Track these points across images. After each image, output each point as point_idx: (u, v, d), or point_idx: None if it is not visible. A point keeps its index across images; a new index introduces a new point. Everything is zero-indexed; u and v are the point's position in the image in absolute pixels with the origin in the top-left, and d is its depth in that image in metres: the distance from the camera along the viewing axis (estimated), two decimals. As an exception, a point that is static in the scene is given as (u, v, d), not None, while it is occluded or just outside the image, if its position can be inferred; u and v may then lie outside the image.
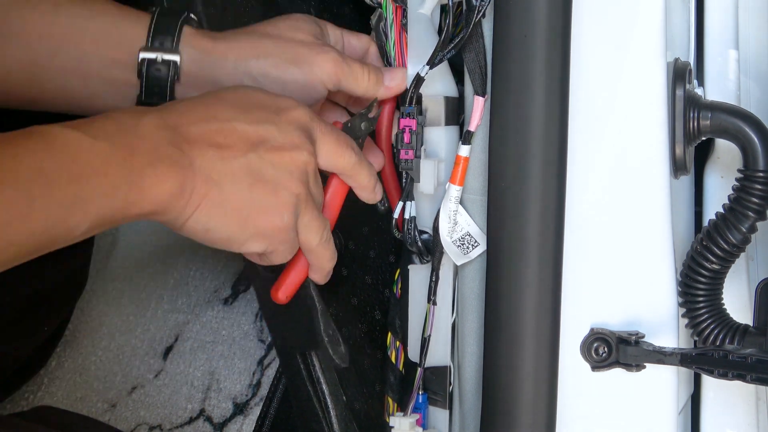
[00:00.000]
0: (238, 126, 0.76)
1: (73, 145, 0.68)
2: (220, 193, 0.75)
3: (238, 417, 1.33)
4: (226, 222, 0.77)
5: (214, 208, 0.76)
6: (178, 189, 0.73)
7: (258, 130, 0.77)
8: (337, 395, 0.93)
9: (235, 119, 0.77)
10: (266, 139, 0.77)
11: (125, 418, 1.33)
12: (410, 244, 0.91)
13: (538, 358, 0.81)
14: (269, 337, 1.35)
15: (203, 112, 0.76)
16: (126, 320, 1.39)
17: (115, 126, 0.71)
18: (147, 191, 0.72)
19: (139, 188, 0.71)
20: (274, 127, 0.78)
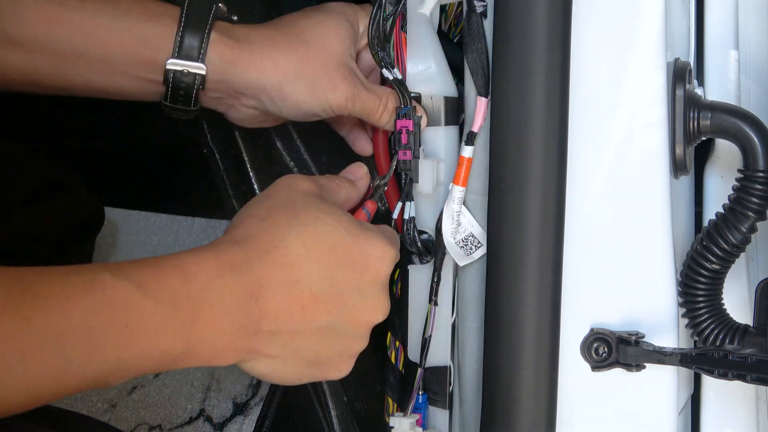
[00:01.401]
0: (320, 295, 0.72)
1: (132, 308, 0.62)
2: (281, 358, 0.72)
3: (238, 417, 1.33)
4: (284, 376, 0.75)
5: (271, 365, 0.73)
6: (233, 353, 0.69)
7: (340, 298, 0.74)
8: (338, 395, 0.93)
9: (318, 283, 0.72)
10: (347, 304, 0.74)
11: (125, 418, 1.33)
12: (410, 244, 0.91)
13: (538, 358, 0.81)
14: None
15: (289, 273, 0.71)
16: (126, 320, 1.39)
17: (185, 289, 0.65)
18: (201, 354, 0.67)
19: (195, 351, 0.66)
20: (356, 292, 0.75)
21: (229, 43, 0.83)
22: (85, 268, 0.63)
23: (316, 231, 0.74)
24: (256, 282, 0.69)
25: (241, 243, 0.71)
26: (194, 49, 0.82)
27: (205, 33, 0.82)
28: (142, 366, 0.64)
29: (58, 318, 0.60)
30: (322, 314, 0.73)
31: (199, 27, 0.82)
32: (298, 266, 0.72)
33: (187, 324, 0.65)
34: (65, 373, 0.60)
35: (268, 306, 0.70)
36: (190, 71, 0.82)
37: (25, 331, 0.58)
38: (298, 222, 0.74)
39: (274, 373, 0.74)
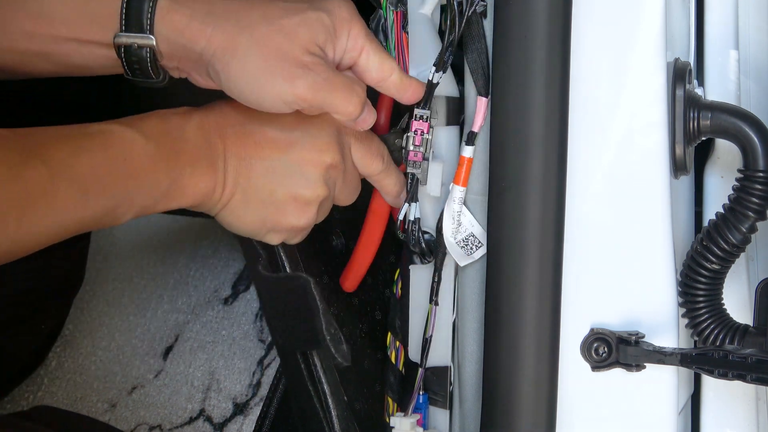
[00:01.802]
0: (269, 132, 0.82)
1: (128, 144, 0.75)
2: (243, 194, 0.82)
3: (238, 417, 1.33)
4: (247, 219, 0.83)
5: (237, 208, 0.82)
6: (211, 189, 0.80)
7: (289, 137, 0.82)
8: (338, 395, 0.93)
9: (268, 124, 0.82)
10: (294, 144, 0.82)
11: (125, 418, 1.33)
12: (413, 245, 0.90)
13: (538, 358, 0.81)
14: (269, 337, 1.35)
15: (242, 114, 0.82)
16: (126, 320, 1.39)
17: (164, 126, 0.78)
18: (186, 189, 0.79)
19: (179, 185, 0.78)
20: (304, 133, 0.82)
21: (179, 10, 0.79)
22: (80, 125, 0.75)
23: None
24: (215, 119, 0.81)
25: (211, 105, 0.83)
26: (141, 19, 0.78)
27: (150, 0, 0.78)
28: (142, 201, 0.77)
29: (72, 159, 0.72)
30: (274, 151, 0.82)
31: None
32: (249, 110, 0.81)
33: (171, 157, 0.77)
34: (84, 204, 0.72)
35: (228, 140, 0.81)
36: (139, 44, 0.79)
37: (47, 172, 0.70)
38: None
39: (238, 218, 0.83)
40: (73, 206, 0.72)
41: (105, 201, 0.74)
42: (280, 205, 0.83)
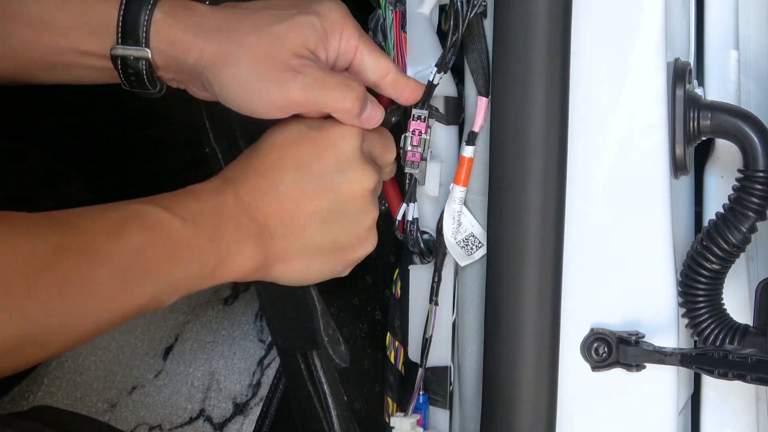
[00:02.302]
0: (305, 187, 0.80)
1: (166, 227, 0.73)
2: (303, 254, 0.81)
3: (238, 417, 1.33)
4: (315, 271, 0.83)
5: (300, 266, 0.81)
6: (261, 261, 0.79)
7: (325, 184, 0.81)
8: (338, 395, 0.93)
9: (301, 180, 0.80)
10: (333, 188, 0.81)
11: (125, 418, 1.33)
12: (412, 245, 0.90)
13: (538, 358, 0.81)
14: (269, 337, 1.35)
15: (270, 180, 0.79)
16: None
17: (200, 206, 0.76)
18: (233, 266, 0.77)
19: (226, 265, 0.77)
20: (337, 172, 0.81)
21: (173, 24, 0.79)
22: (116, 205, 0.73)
23: (283, 136, 0.81)
24: (247, 192, 0.79)
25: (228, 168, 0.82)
26: (137, 33, 0.79)
27: (146, 13, 0.79)
28: (187, 283, 0.74)
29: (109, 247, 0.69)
30: (317, 203, 0.80)
31: (141, 7, 0.79)
32: (276, 170, 0.80)
33: (213, 237, 0.75)
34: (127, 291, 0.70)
35: (267, 210, 0.79)
36: (135, 56, 0.80)
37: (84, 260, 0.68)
38: (266, 136, 0.82)
39: (307, 273, 0.82)
40: (116, 294, 0.70)
41: (148, 287, 0.72)
42: (344, 246, 0.83)
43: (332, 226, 0.81)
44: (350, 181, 0.81)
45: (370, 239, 0.84)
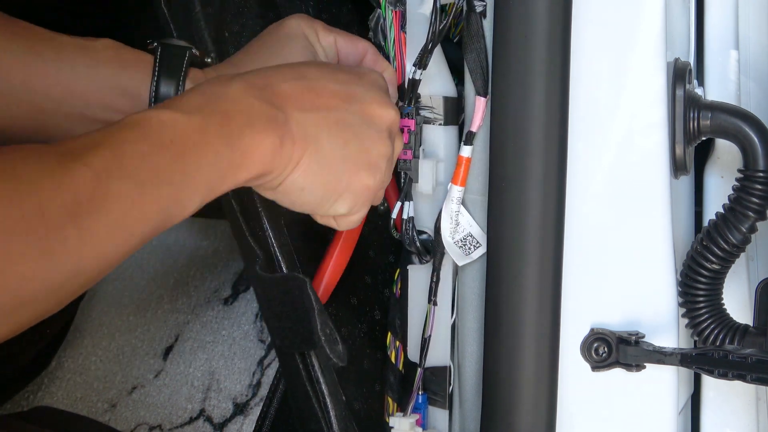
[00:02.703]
0: (327, 84, 0.78)
1: (169, 125, 0.69)
2: (317, 148, 0.76)
3: (238, 417, 1.33)
4: (321, 180, 0.78)
5: (312, 164, 0.76)
6: (279, 144, 0.74)
7: (347, 89, 0.79)
8: (337, 395, 0.93)
9: (323, 78, 0.78)
10: (355, 96, 0.79)
11: (125, 418, 1.33)
12: (409, 244, 0.91)
13: (538, 358, 0.81)
14: (269, 337, 1.35)
15: (291, 72, 0.77)
16: (126, 320, 1.39)
17: (204, 98, 0.72)
18: (249, 152, 0.72)
19: (241, 151, 0.72)
20: (360, 86, 0.79)
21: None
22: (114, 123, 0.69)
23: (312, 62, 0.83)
24: (262, 78, 0.75)
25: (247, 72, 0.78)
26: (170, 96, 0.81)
27: (179, 83, 0.82)
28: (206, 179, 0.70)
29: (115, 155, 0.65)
30: (337, 103, 0.78)
31: (172, 77, 0.82)
32: (300, 68, 0.78)
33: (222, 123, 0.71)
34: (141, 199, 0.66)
35: (284, 92, 0.75)
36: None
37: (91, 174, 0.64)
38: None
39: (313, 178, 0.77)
40: (131, 204, 0.66)
41: (165, 189, 0.68)
42: (354, 158, 0.78)
43: (348, 130, 0.78)
44: (373, 100, 0.80)
45: (379, 170, 0.80)
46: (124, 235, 0.66)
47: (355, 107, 0.78)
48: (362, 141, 0.78)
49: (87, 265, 0.64)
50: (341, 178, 0.78)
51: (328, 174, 0.77)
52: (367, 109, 0.79)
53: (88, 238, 0.63)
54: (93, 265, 0.64)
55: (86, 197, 0.63)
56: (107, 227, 0.64)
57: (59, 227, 0.61)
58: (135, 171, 0.66)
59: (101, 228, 0.64)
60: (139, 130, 0.68)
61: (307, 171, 0.76)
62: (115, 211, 0.65)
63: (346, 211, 0.81)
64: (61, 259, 0.62)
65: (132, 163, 0.66)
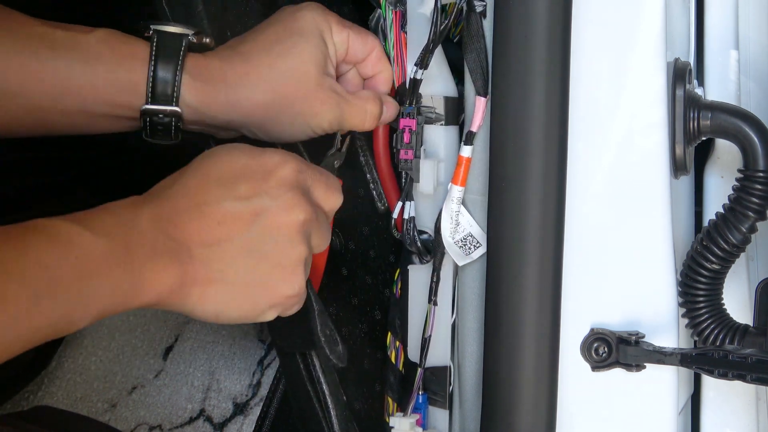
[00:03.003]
0: (229, 207, 0.76)
1: (76, 241, 0.69)
2: (223, 281, 0.76)
3: (238, 417, 1.33)
4: (235, 305, 0.77)
5: (219, 295, 0.76)
6: (178, 282, 0.74)
7: (250, 206, 0.76)
8: (337, 395, 0.93)
9: (224, 199, 0.76)
10: (259, 212, 0.76)
11: (125, 418, 1.33)
12: (409, 244, 0.91)
13: (538, 358, 0.81)
14: (269, 337, 1.35)
15: (194, 198, 0.75)
16: (126, 320, 1.39)
17: (114, 220, 0.72)
18: (147, 286, 0.72)
19: (140, 284, 0.72)
20: (265, 197, 0.77)
21: (201, 87, 0.82)
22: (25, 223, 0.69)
23: (215, 158, 0.78)
24: (166, 208, 0.74)
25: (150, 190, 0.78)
26: (167, 93, 0.81)
27: (176, 75, 0.81)
28: (100, 303, 0.70)
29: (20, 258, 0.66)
30: (240, 226, 0.76)
31: (169, 67, 0.81)
32: (200, 190, 0.76)
33: (125, 252, 0.71)
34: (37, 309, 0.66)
35: (187, 228, 0.74)
36: (166, 114, 0.81)
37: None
38: (194, 160, 0.79)
39: (226, 305, 0.76)
40: (26, 311, 0.65)
41: (59, 305, 0.67)
42: (267, 279, 0.77)
43: (254, 253, 0.76)
44: (279, 208, 0.77)
45: (296, 277, 0.78)
46: (10, 342, 0.66)
47: (260, 225, 0.76)
48: (272, 258, 0.77)
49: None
50: (257, 299, 0.78)
51: (241, 300, 0.77)
52: (273, 222, 0.77)
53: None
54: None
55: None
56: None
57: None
58: (34, 281, 0.66)
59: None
60: (45, 238, 0.68)
61: (216, 301, 0.76)
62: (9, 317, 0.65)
63: (275, 316, 0.80)
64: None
65: (33, 272, 0.66)
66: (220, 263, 0.75)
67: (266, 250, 0.76)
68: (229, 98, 0.83)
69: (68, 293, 0.68)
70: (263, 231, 0.76)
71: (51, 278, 0.67)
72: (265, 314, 0.79)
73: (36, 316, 0.66)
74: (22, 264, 0.66)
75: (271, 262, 0.77)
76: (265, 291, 0.77)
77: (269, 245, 0.76)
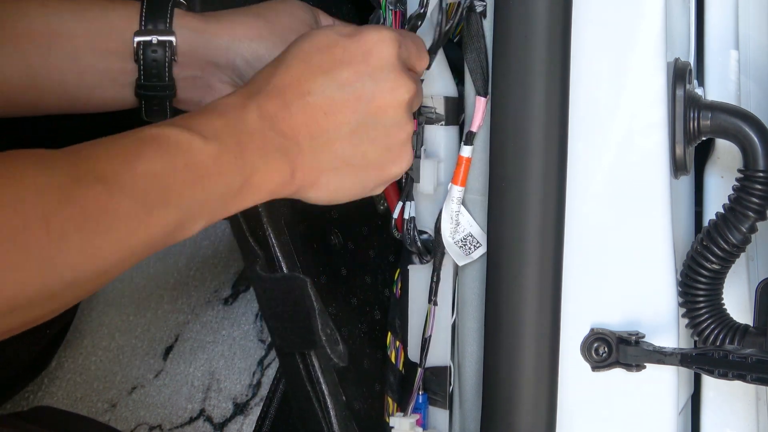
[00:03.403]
0: (334, 95, 0.75)
1: (185, 147, 0.68)
2: (333, 169, 0.76)
3: (238, 417, 1.33)
4: (346, 189, 0.78)
5: (330, 182, 0.77)
6: (289, 176, 0.74)
7: (354, 92, 0.76)
8: (337, 395, 0.93)
9: (328, 87, 0.75)
10: (364, 97, 0.76)
11: (125, 418, 1.33)
12: (409, 244, 0.91)
13: (538, 358, 0.81)
14: (269, 337, 1.35)
15: (297, 89, 0.75)
16: (126, 320, 1.39)
17: (223, 122, 0.71)
18: (260, 184, 0.73)
19: (252, 183, 0.72)
20: (368, 80, 0.76)
21: (194, 15, 0.84)
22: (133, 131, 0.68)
23: (311, 43, 0.76)
24: (273, 103, 0.74)
25: (250, 82, 0.76)
26: (160, 19, 0.81)
27: (168, 8, 0.82)
28: (212, 206, 0.70)
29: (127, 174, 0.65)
30: (347, 114, 0.75)
31: (161, 5, 0.83)
32: (304, 79, 0.75)
33: (237, 153, 0.70)
34: (149, 220, 0.65)
35: (293, 121, 0.74)
36: (160, 40, 0.81)
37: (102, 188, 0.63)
38: (291, 46, 0.77)
39: (337, 190, 0.78)
40: (137, 223, 0.65)
41: (172, 213, 0.67)
42: (377, 162, 0.78)
43: (362, 139, 0.76)
44: (384, 90, 0.76)
45: (405, 156, 0.79)
46: (126, 253, 0.65)
47: (365, 109, 0.76)
48: (380, 142, 0.77)
49: (86, 276, 0.63)
50: (367, 181, 0.79)
51: (351, 183, 0.78)
52: (378, 106, 0.76)
53: (90, 252, 0.63)
54: (92, 277, 0.64)
55: (95, 213, 0.63)
56: (111, 244, 0.64)
57: (62, 239, 0.61)
58: (146, 192, 0.66)
59: (105, 244, 0.63)
60: (154, 147, 0.67)
61: (326, 188, 0.77)
62: (122, 230, 0.64)
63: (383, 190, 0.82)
64: (60, 269, 0.61)
65: (144, 183, 0.65)
66: (329, 153, 0.76)
67: (374, 135, 0.77)
68: (221, 22, 0.83)
69: (181, 200, 0.68)
70: (369, 115, 0.76)
71: (163, 187, 0.66)
72: (374, 190, 0.81)
73: (151, 227, 0.66)
74: (134, 176, 0.65)
75: (379, 146, 0.77)
76: (375, 172, 0.78)
77: (376, 129, 0.77)
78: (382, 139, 0.77)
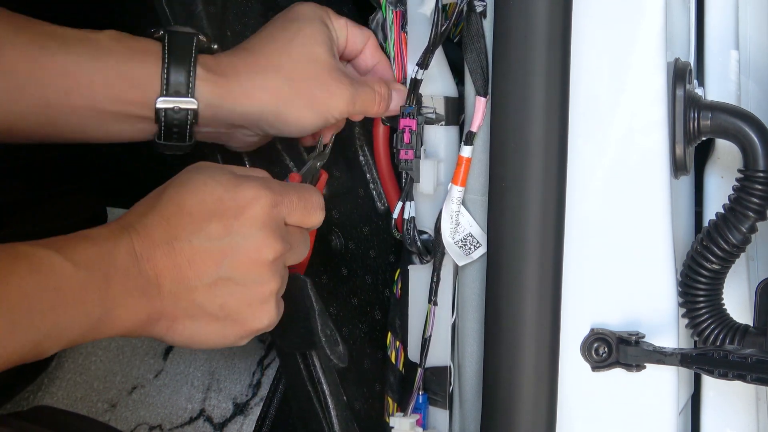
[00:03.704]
0: (199, 246, 0.75)
1: (57, 271, 0.69)
2: (190, 317, 0.76)
3: (238, 417, 1.33)
4: (204, 338, 0.78)
5: (187, 329, 0.77)
6: (145, 318, 0.74)
7: (220, 245, 0.76)
8: (338, 395, 0.93)
9: (195, 237, 0.75)
10: (229, 252, 0.76)
11: (125, 418, 1.33)
12: (410, 244, 0.91)
13: (538, 358, 0.81)
14: (269, 337, 1.35)
15: (166, 232, 0.75)
16: (126, 320, 1.39)
17: (95, 251, 0.72)
18: (118, 319, 0.73)
19: (112, 316, 0.72)
20: (235, 236, 0.76)
21: (215, 79, 0.83)
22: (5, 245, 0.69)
23: (188, 188, 0.77)
24: (141, 242, 0.74)
25: (128, 213, 0.78)
26: (182, 84, 0.81)
27: (190, 68, 0.82)
28: (71, 333, 0.70)
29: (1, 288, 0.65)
30: (210, 265, 0.76)
31: (183, 62, 0.82)
32: (174, 223, 0.75)
33: (102, 286, 0.71)
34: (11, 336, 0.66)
35: (158, 264, 0.74)
36: (182, 107, 0.81)
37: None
38: (172, 184, 0.78)
39: (194, 337, 0.77)
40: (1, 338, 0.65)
41: (33, 334, 0.67)
42: (236, 315, 0.77)
43: (222, 291, 0.76)
44: (249, 248, 0.76)
45: (266, 312, 0.78)
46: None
47: (229, 264, 0.76)
48: (241, 296, 0.77)
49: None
50: (225, 332, 0.78)
51: (208, 332, 0.78)
52: (242, 262, 0.76)
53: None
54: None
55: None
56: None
57: None
58: (13, 307, 0.66)
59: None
60: (28, 265, 0.68)
61: (183, 334, 0.77)
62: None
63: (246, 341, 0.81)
64: None
65: (13, 299, 0.66)
66: (188, 301, 0.75)
67: (235, 289, 0.76)
68: (243, 87, 0.83)
69: (44, 322, 0.68)
70: (232, 270, 0.76)
71: (30, 307, 0.67)
72: (235, 343, 0.80)
73: (11, 343, 0.66)
74: (4, 291, 0.65)
75: (239, 300, 0.77)
76: (235, 325, 0.78)
77: (238, 284, 0.76)
78: (242, 293, 0.77)
